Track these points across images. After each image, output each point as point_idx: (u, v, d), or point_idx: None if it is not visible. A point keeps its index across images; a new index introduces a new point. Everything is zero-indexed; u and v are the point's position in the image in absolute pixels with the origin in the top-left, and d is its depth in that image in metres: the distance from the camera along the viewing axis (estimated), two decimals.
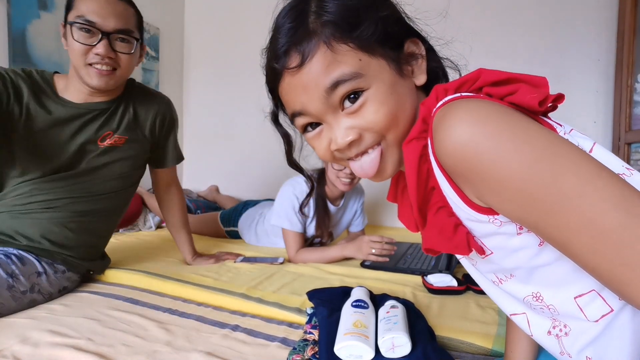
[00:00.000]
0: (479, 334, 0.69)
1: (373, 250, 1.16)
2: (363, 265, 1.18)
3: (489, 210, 0.36)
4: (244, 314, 0.79)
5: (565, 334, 0.40)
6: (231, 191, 2.30)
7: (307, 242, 1.37)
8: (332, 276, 1.08)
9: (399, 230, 2.00)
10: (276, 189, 1.37)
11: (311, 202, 1.32)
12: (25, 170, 0.88)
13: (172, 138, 1.13)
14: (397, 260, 1.22)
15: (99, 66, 0.84)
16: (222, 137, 2.41)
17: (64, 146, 0.90)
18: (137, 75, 2.12)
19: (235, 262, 1.20)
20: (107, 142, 0.94)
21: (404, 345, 0.59)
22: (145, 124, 1.02)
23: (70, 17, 0.82)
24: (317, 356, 0.59)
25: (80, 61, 0.84)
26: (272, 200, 1.86)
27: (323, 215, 1.34)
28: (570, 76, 1.75)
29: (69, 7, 0.84)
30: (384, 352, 0.59)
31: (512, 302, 0.45)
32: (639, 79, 1.60)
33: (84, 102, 0.91)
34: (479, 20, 1.89)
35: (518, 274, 0.41)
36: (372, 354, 0.59)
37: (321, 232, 1.36)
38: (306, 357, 0.59)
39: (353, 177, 1.27)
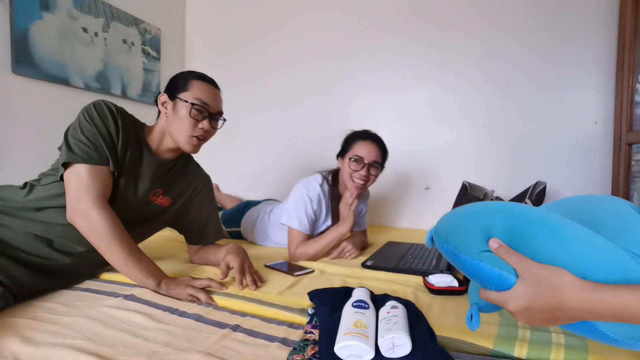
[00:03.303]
0: (480, 334, 0.68)
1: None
2: (364, 265, 1.18)
3: None
4: (244, 314, 0.79)
5: None
6: (231, 191, 2.30)
7: None
8: (334, 277, 1.07)
9: (400, 230, 1.99)
10: (277, 189, 1.37)
11: (323, 204, 1.34)
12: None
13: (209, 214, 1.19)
14: (398, 260, 1.21)
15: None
16: (223, 137, 2.41)
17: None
18: (139, 76, 2.13)
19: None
20: (158, 201, 1.06)
21: (404, 345, 0.59)
22: (185, 192, 1.13)
23: (187, 97, 0.99)
24: (318, 356, 0.59)
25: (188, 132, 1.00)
26: (273, 200, 1.87)
27: (339, 214, 1.35)
28: (572, 76, 1.75)
29: (183, 89, 1.00)
30: (384, 352, 0.59)
31: None
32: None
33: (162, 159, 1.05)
34: (479, 21, 1.89)
35: None
36: (372, 354, 0.59)
37: None
38: (306, 357, 0.59)
39: (366, 181, 1.31)
